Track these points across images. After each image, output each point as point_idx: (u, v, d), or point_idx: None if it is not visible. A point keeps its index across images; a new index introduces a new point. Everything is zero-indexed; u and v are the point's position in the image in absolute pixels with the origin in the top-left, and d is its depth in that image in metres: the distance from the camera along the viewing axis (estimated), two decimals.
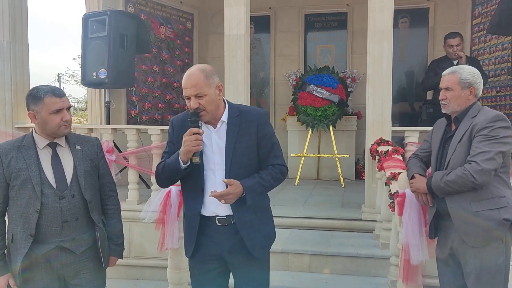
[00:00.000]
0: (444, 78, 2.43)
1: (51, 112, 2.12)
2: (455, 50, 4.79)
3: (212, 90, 2.01)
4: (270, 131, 2.15)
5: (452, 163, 2.28)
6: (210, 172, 2.08)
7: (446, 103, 2.39)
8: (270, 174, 2.10)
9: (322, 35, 7.18)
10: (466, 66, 2.43)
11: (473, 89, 2.35)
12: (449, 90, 2.37)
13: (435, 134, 2.52)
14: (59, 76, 24.90)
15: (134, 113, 6.16)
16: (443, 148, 2.41)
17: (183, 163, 1.99)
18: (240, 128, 2.07)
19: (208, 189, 2.06)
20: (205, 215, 2.11)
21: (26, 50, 5.14)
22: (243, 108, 2.17)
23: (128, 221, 4.29)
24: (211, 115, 2.05)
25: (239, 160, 2.06)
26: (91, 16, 5.20)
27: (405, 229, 2.62)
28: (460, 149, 2.27)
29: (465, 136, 2.27)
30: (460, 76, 2.35)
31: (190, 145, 1.93)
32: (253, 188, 2.03)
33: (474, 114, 2.32)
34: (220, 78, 2.14)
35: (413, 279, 2.69)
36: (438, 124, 2.56)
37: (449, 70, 2.44)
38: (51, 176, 2.15)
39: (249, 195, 2.01)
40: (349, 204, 4.70)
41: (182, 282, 3.09)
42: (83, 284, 2.23)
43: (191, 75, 2.00)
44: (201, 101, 1.99)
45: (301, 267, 3.66)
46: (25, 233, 2.10)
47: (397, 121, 6.49)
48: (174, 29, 6.81)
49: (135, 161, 4.56)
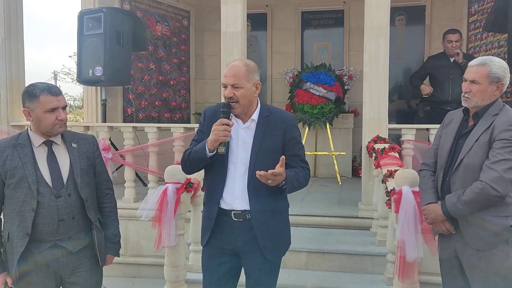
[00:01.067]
0: (471, 69, 2.19)
1: (46, 110, 2.10)
2: (454, 46, 4.81)
3: (250, 86, 2.06)
4: (297, 135, 2.18)
5: (466, 162, 2.15)
6: (231, 165, 2.12)
7: (469, 97, 2.18)
8: (302, 172, 2.13)
9: (319, 32, 7.17)
10: (496, 58, 2.20)
11: (501, 85, 2.16)
12: (475, 83, 2.16)
13: (448, 127, 2.35)
14: (55, 74, 24.80)
15: (131, 111, 6.14)
16: (456, 144, 2.25)
17: (209, 151, 2.03)
18: (268, 128, 2.11)
19: (228, 181, 2.10)
20: (222, 208, 2.13)
21: (21, 47, 5.11)
22: (273, 109, 2.21)
23: (125, 219, 4.29)
24: (243, 109, 2.09)
25: (263, 159, 2.08)
26: (86, 14, 5.17)
27: (401, 226, 2.63)
28: (478, 149, 2.12)
29: (484, 136, 2.12)
30: (490, 69, 2.14)
31: (218, 135, 1.98)
32: (291, 180, 2.05)
33: (496, 112, 2.15)
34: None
35: (409, 276, 2.71)
36: (450, 117, 2.39)
37: (477, 60, 2.20)
38: (47, 175, 2.14)
39: (289, 185, 2.03)
40: (346, 202, 4.71)
41: (179, 280, 3.09)
42: (80, 282, 2.23)
43: (234, 65, 2.07)
44: (236, 92, 2.04)
45: (298, 265, 3.66)
46: (21, 232, 2.09)
47: (394, 119, 6.49)
48: (171, 26, 6.78)
49: (132, 159, 4.54)
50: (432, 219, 2.26)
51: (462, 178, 2.17)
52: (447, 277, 2.37)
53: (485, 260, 2.13)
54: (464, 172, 2.17)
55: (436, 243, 2.48)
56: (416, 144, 4.09)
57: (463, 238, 2.19)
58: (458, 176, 2.19)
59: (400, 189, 2.74)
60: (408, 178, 2.77)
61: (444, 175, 2.28)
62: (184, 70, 7.08)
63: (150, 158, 4.52)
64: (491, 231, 2.11)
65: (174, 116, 6.89)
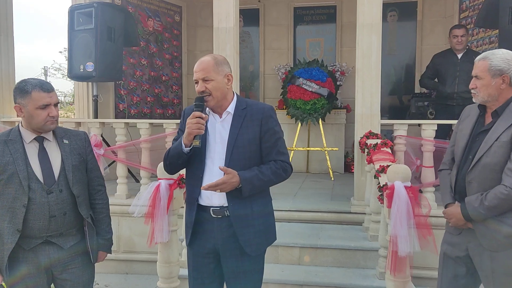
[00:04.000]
0: (475, 64, 2.19)
1: (37, 107, 2.09)
2: (460, 40, 4.84)
3: (220, 77, 2.07)
4: (274, 126, 2.14)
5: (485, 161, 2.09)
6: (209, 161, 2.11)
7: (475, 92, 2.18)
8: (270, 169, 2.09)
9: (311, 28, 7.17)
10: (500, 51, 2.17)
11: (506, 77, 2.10)
12: (478, 78, 2.16)
13: (464, 123, 2.30)
14: (45, 69, 24.55)
15: (123, 107, 6.10)
16: (472, 142, 2.20)
17: (185, 146, 2.04)
18: (244, 120, 2.10)
19: (206, 177, 2.09)
20: (201, 204, 2.12)
21: (11, 43, 5.05)
22: (250, 102, 2.20)
23: (117, 216, 4.27)
24: (217, 102, 2.09)
25: (239, 152, 2.07)
26: (77, 8, 5.12)
27: (394, 221, 2.65)
28: (498, 149, 2.06)
29: (505, 135, 2.06)
30: (491, 63, 2.11)
31: (191, 128, 1.98)
32: (251, 181, 2.03)
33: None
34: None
35: (401, 270, 2.73)
36: (467, 112, 2.34)
37: (481, 55, 2.19)
38: (39, 171, 2.13)
39: (246, 187, 2.01)
40: (338, 197, 4.73)
41: (172, 276, 3.09)
42: (71, 278, 2.22)
43: (202, 60, 2.09)
44: (207, 85, 2.05)
45: (291, 260, 3.68)
46: (12, 228, 2.08)
47: (386, 114, 6.53)
48: (162, 22, 6.74)
49: (124, 155, 4.52)
50: (454, 223, 2.23)
51: (479, 177, 2.13)
52: (447, 275, 2.32)
53: (497, 261, 2.10)
54: (481, 171, 2.12)
55: (433, 238, 2.48)
56: (408, 139, 4.11)
57: (476, 238, 2.16)
58: (475, 176, 2.14)
59: (392, 184, 2.75)
60: (400, 173, 2.78)
61: (458, 173, 2.24)
62: (176, 66, 7.05)
63: (142, 154, 4.49)
64: (505, 233, 2.07)
65: (167, 112, 6.87)
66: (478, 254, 2.17)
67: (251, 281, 2.17)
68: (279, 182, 2.16)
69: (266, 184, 2.12)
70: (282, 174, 2.13)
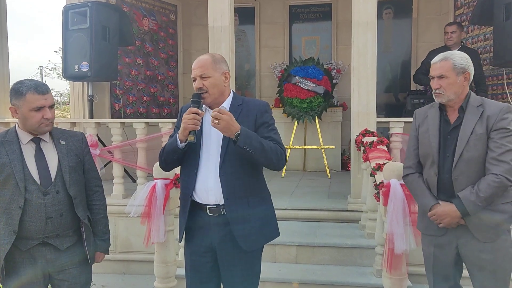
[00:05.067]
0: (435, 66, 2.25)
1: (31, 109, 2.08)
2: (449, 37, 4.91)
3: (218, 75, 2.09)
4: (269, 121, 2.14)
5: (467, 155, 2.15)
6: (205, 156, 2.11)
7: (441, 92, 2.22)
8: (271, 143, 2.05)
9: (307, 26, 7.17)
10: (456, 51, 2.28)
11: (468, 74, 2.21)
12: (444, 77, 2.20)
13: (425, 125, 2.34)
14: (41, 69, 24.42)
15: (118, 106, 6.08)
16: (444, 140, 2.25)
17: (180, 142, 2.04)
18: (240, 115, 2.09)
19: (201, 172, 2.09)
20: (197, 201, 2.12)
21: (5, 43, 5.03)
22: (246, 99, 2.22)
23: (114, 216, 4.26)
24: (214, 99, 2.10)
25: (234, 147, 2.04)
26: (71, 8, 5.10)
27: (390, 219, 2.66)
28: (476, 142, 2.13)
29: (478, 127, 2.14)
30: (454, 61, 2.20)
31: (187, 123, 1.98)
32: (250, 135, 1.97)
33: (478, 103, 2.20)
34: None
35: (397, 268, 2.74)
36: (422, 115, 2.38)
37: (439, 56, 2.26)
38: (35, 172, 2.12)
39: (244, 134, 1.93)
40: (335, 195, 4.74)
41: (169, 275, 3.09)
42: (68, 279, 2.22)
43: (200, 58, 2.12)
44: (205, 82, 2.06)
45: (288, 259, 3.69)
46: (8, 229, 2.07)
47: (382, 112, 6.53)
48: (158, 21, 6.72)
49: (120, 155, 4.51)
50: (448, 223, 2.20)
51: (466, 172, 2.16)
52: (439, 275, 2.33)
53: (491, 252, 2.14)
54: (466, 166, 2.16)
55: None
56: (404, 137, 4.12)
57: (468, 233, 2.18)
58: (460, 171, 2.17)
59: (389, 182, 2.77)
60: (396, 171, 2.79)
61: (440, 172, 2.24)
62: (172, 65, 7.04)
63: (138, 154, 4.49)
64: (498, 220, 2.14)
65: (163, 112, 6.85)
66: (470, 249, 2.20)
67: (248, 282, 2.16)
68: (272, 161, 2.04)
69: (262, 152, 1.99)
70: (278, 153, 2.05)
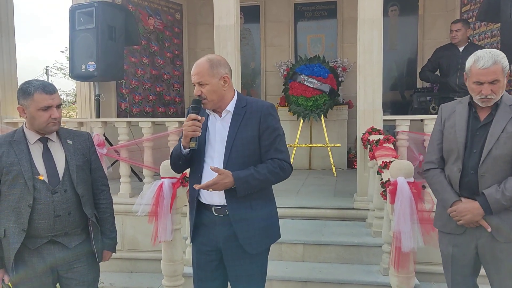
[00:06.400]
0: (487, 71, 2.11)
1: (39, 108, 2.10)
2: (454, 35, 4.91)
3: (215, 81, 2.06)
4: (273, 124, 2.11)
5: (496, 153, 2.13)
6: (209, 159, 2.11)
7: (492, 97, 2.14)
8: (267, 167, 2.06)
9: (312, 24, 7.15)
10: (495, 51, 2.17)
11: (508, 73, 2.19)
12: (496, 82, 2.12)
13: (451, 120, 2.30)
14: (47, 69, 24.55)
15: (124, 106, 6.11)
16: (473, 136, 2.21)
17: (184, 148, 2.06)
18: (244, 118, 2.09)
19: (205, 175, 2.09)
20: (204, 202, 2.14)
21: (13, 43, 5.06)
22: (250, 100, 2.18)
23: (121, 215, 4.28)
24: (213, 104, 2.09)
25: (238, 150, 2.06)
26: (78, 8, 5.12)
27: (397, 217, 2.65)
28: (507, 140, 2.11)
29: (509, 126, 2.13)
30: (502, 64, 2.12)
31: (187, 130, 2.00)
32: (246, 180, 2.00)
33: (511, 102, 2.18)
34: None
35: (404, 266, 2.73)
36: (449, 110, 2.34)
37: (488, 61, 2.11)
38: (43, 171, 2.14)
39: (240, 186, 2.00)
40: (341, 193, 4.73)
41: (176, 274, 3.10)
42: (76, 277, 2.24)
43: (198, 63, 2.08)
44: (203, 89, 2.05)
45: (295, 257, 3.68)
46: (17, 228, 2.09)
47: (389, 110, 6.51)
48: (163, 20, 6.74)
49: (127, 154, 4.53)
50: (468, 220, 2.17)
51: (493, 170, 2.15)
52: (457, 275, 2.31)
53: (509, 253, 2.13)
54: (494, 163, 2.14)
55: (436, 234, 2.46)
56: (411, 135, 4.10)
57: (488, 233, 2.16)
58: (487, 168, 2.15)
59: (395, 180, 2.75)
60: (403, 169, 2.78)
61: (465, 169, 2.22)
62: (177, 64, 7.05)
63: (145, 153, 4.51)
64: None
65: (168, 111, 6.87)
66: (490, 250, 2.18)
67: (254, 282, 2.17)
68: (277, 181, 2.12)
69: (263, 183, 2.07)
70: (280, 173, 2.09)
